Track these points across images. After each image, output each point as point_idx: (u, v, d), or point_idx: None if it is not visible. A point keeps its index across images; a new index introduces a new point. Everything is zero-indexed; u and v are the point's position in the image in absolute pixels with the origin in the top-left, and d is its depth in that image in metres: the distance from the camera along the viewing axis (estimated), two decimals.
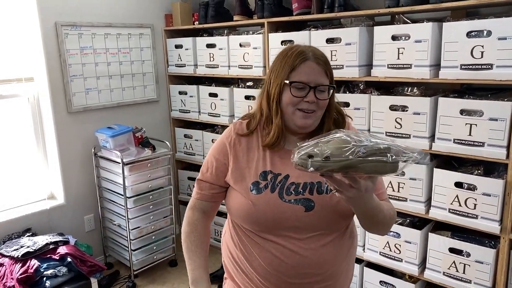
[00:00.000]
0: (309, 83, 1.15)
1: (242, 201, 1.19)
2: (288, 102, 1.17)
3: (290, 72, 1.16)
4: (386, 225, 1.19)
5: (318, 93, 1.16)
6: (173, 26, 3.29)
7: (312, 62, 1.16)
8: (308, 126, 1.19)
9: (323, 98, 1.17)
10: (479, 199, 1.96)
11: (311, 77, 1.15)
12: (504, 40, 1.80)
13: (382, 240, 2.32)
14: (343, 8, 2.29)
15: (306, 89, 1.15)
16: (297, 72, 1.15)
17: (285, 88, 1.17)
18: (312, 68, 1.15)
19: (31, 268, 2.30)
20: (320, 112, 1.19)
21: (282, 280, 1.18)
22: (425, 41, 2.01)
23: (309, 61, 1.15)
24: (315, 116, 1.18)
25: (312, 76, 1.15)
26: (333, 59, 2.33)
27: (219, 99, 3.05)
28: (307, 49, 1.18)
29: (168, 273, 3.05)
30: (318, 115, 1.19)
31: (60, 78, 2.78)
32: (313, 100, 1.15)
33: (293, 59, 1.16)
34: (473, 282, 2.04)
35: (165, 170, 3.03)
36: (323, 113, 1.21)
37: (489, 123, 1.89)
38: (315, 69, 1.15)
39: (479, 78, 1.89)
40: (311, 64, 1.15)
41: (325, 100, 1.17)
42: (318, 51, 1.20)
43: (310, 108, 1.16)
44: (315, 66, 1.16)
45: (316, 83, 1.15)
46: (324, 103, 1.18)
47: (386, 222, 1.17)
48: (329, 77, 1.19)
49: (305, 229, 1.16)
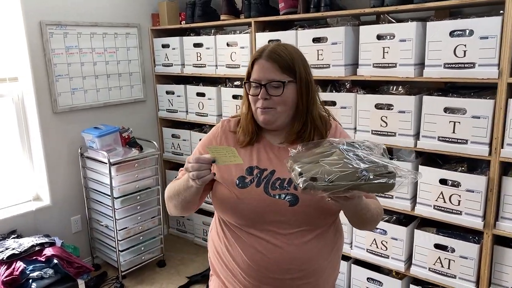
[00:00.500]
0: (260, 81, 1.19)
1: (228, 195, 1.21)
2: (251, 101, 1.23)
3: (248, 73, 1.23)
4: (373, 222, 1.24)
5: (271, 89, 1.19)
6: (160, 26, 3.28)
7: (263, 60, 1.20)
8: (267, 122, 1.22)
9: (276, 94, 1.19)
10: (463, 196, 2.00)
11: (261, 74, 1.19)
12: (485, 39, 1.84)
13: (369, 237, 2.35)
14: (329, 8, 2.31)
15: (259, 87, 1.19)
16: (253, 72, 1.22)
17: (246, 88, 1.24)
18: (262, 66, 1.20)
19: (17, 271, 2.27)
20: (281, 108, 1.20)
21: (264, 275, 1.19)
22: (410, 40, 2.04)
23: (260, 60, 1.20)
24: (275, 112, 1.21)
25: (261, 74, 1.19)
26: (319, 59, 2.35)
27: (206, 98, 3.05)
28: (265, 48, 1.23)
29: (157, 274, 3.04)
30: (279, 111, 1.21)
31: (45, 78, 2.75)
32: (264, 96, 1.19)
33: (250, 61, 1.24)
34: (458, 277, 2.08)
35: (152, 170, 3.02)
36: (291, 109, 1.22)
37: (472, 120, 1.92)
38: (265, 67, 1.19)
39: (462, 76, 1.92)
40: (262, 62, 1.20)
41: (279, 96, 1.19)
42: (278, 48, 1.21)
43: (265, 106, 1.20)
44: (266, 63, 1.19)
45: (266, 79, 1.19)
46: (279, 99, 1.19)
47: (373, 220, 1.22)
48: (288, 72, 1.19)
49: (289, 223, 1.18)
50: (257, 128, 1.27)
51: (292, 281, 1.20)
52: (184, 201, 1.25)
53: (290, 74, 1.19)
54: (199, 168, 1.10)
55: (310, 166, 0.98)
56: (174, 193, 1.27)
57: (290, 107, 1.22)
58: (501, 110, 1.84)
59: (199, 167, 1.10)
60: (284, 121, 1.23)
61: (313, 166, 0.97)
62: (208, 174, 1.12)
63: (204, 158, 1.11)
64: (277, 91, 1.19)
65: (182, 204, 1.26)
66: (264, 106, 1.20)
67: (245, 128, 1.27)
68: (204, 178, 1.11)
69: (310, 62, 2.46)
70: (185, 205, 1.27)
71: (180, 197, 1.25)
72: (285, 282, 1.20)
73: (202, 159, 1.11)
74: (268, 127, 1.25)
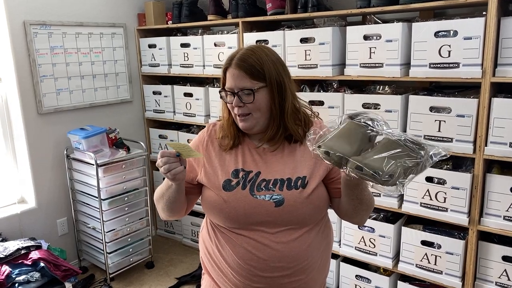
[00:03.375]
0: (233, 89, 1.20)
1: (215, 199, 1.23)
2: (229, 108, 1.25)
3: (223, 80, 1.25)
4: (368, 210, 1.24)
5: (244, 96, 1.19)
6: (146, 26, 3.26)
7: (233, 68, 1.20)
8: (247, 128, 1.24)
9: (248, 101, 1.19)
10: (448, 193, 2.04)
11: (232, 83, 1.20)
12: (469, 39, 1.88)
13: (357, 235, 2.38)
14: (316, 9, 2.33)
15: (232, 95, 1.21)
16: (226, 80, 1.23)
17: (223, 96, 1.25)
18: (232, 75, 1.20)
19: (2, 275, 2.23)
20: (256, 114, 1.21)
21: (254, 273, 1.21)
22: (396, 40, 2.07)
23: (231, 68, 1.21)
24: (252, 118, 1.22)
25: (233, 82, 1.20)
26: (307, 59, 2.37)
27: (194, 98, 3.04)
28: (235, 55, 1.22)
29: (145, 275, 3.02)
30: (256, 116, 1.22)
31: (29, 78, 2.71)
32: (238, 104, 1.20)
33: (222, 69, 1.24)
34: (444, 273, 2.12)
35: (140, 171, 3.00)
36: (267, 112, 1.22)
37: (457, 119, 1.96)
38: (235, 75, 1.20)
39: (447, 76, 1.96)
40: (232, 71, 1.21)
41: (252, 103, 1.19)
42: (246, 54, 1.21)
43: (240, 112, 1.21)
44: (236, 71, 1.20)
45: (238, 88, 1.20)
46: (252, 105, 1.20)
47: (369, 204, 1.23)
48: (258, 78, 1.19)
49: (275, 223, 1.20)
50: (238, 131, 1.28)
51: (282, 278, 1.21)
52: (168, 201, 1.27)
53: (260, 79, 1.19)
54: (167, 161, 1.14)
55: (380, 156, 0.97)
56: (159, 195, 1.31)
57: (266, 111, 1.22)
58: (484, 109, 1.89)
59: (167, 160, 1.14)
60: (263, 125, 1.24)
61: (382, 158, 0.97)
62: (178, 167, 1.15)
63: (169, 152, 1.15)
64: (249, 98, 1.19)
65: (167, 204, 1.28)
66: (240, 113, 1.22)
67: (228, 133, 1.29)
68: (175, 170, 1.14)
69: (298, 62, 2.50)
70: (171, 206, 1.29)
71: (164, 197, 1.28)
72: (275, 280, 1.21)
73: (167, 153, 1.15)
74: (250, 132, 1.27)
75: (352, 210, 1.22)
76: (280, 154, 1.26)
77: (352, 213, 1.24)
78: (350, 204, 1.20)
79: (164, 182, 1.27)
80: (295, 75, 2.37)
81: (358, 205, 1.20)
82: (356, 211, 1.23)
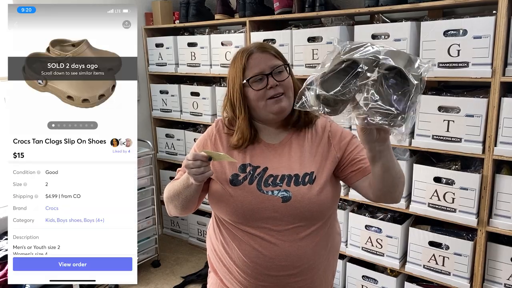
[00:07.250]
0: (264, 71, 1.20)
1: (222, 193, 1.23)
2: (255, 99, 1.21)
3: (243, 72, 1.21)
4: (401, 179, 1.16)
5: (277, 76, 1.20)
6: (154, 25, 3.27)
7: (257, 52, 1.22)
8: (285, 109, 1.22)
9: (283, 78, 1.21)
10: (457, 193, 2.02)
11: (262, 65, 1.21)
12: (479, 39, 1.86)
13: (364, 235, 2.37)
14: (324, 8, 2.32)
15: (264, 78, 1.20)
16: (249, 68, 1.22)
17: (245, 88, 1.22)
18: (259, 58, 1.21)
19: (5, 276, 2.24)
20: (290, 92, 1.23)
21: (259, 272, 1.20)
22: (404, 40, 2.06)
23: (254, 54, 1.22)
24: (287, 98, 1.22)
25: (262, 65, 1.21)
26: (314, 58, 2.36)
27: (201, 98, 3.04)
28: (250, 46, 1.26)
29: (151, 274, 3.02)
30: (289, 95, 1.23)
31: None
32: (275, 83, 1.20)
33: (240, 60, 1.23)
34: (452, 274, 2.11)
35: (146, 170, 3.00)
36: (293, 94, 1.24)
37: (466, 119, 1.95)
38: (263, 57, 1.21)
39: (456, 75, 1.95)
40: (256, 55, 1.22)
41: (287, 79, 1.22)
42: (262, 43, 1.29)
43: (277, 92, 1.20)
44: (261, 54, 1.22)
45: (270, 67, 1.20)
46: (287, 82, 1.22)
47: (401, 173, 1.15)
48: (281, 58, 1.25)
49: (282, 220, 1.19)
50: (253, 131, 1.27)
51: (288, 277, 1.21)
52: (185, 200, 1.25)
53: (282, 60, 1.24)
54: (200, 165, 1.12)
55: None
56: (174, 193, 1.27)
57: (293, 91, 1.24)
58: (494, 108, 1.87)
59: (200, 164, 1.12)
60: (291, 106, 1.23)
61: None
62: (208, 171, 1.14)
63: (202, 155, 1.13)
64: (283, 74, 1.21)
65: (183, 203, 1.26)
66: (275, 94, 1.20)
67: (243, 132, 1.25)
68: (204, 174, 1.13)
69: (305, 62, 2.49)
70: (187, 205, 1.27)
71: (180, 197, 1.25)
72: (281, 278, 1.21)
73: (200, 156, 1.13)
74: (281, 117, 1.24)
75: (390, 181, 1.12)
76: (288, 150, 1.25)
77: (391, 185, 1.13)
78: (384, 173, 1.09)
79: (180, 181, 1.23)
80: (302, 74, 2.36)
81: (392, 170, 1.09)
82: (392, 181, 1.12)
